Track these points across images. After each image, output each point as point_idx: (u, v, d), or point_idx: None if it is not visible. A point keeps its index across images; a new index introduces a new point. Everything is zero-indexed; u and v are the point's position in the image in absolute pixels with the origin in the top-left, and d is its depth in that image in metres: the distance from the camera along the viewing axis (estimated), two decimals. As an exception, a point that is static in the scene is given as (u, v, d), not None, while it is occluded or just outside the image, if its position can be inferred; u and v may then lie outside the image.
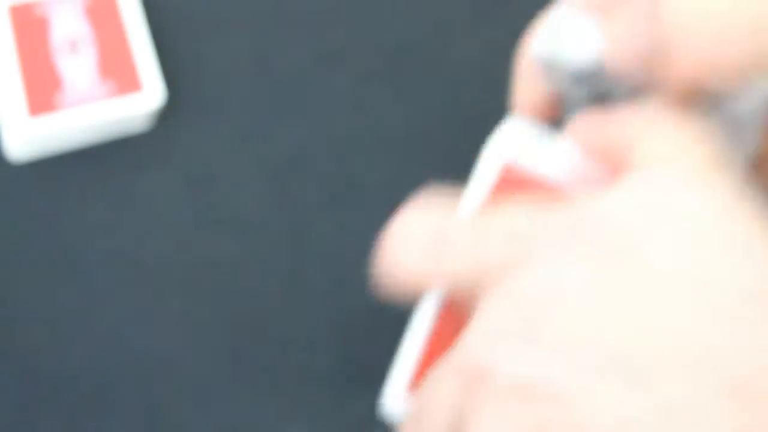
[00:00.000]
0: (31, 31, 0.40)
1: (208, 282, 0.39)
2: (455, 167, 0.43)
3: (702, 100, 0.29)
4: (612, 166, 0.28)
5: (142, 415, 0.37)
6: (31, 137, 0.38)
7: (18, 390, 0.36)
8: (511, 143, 0.30)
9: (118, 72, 0.39)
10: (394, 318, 0.40)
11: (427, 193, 0.42)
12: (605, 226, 0.24)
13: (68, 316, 0.38)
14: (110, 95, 0.39)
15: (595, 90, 0.31)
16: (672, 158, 0.25)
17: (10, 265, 0.38)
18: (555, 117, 0.33)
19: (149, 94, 0.39)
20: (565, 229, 0.24)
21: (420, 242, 0.27)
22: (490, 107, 0.44)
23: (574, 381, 0.22)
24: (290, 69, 0.44)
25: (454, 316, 0.30)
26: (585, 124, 0.29)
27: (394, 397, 0.30)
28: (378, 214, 0.41)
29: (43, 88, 0.39)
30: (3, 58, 0.39)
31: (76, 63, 0.39)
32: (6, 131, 0.39)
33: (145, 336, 0.38)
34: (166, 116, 0.42)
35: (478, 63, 0.45)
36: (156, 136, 0.41)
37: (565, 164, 0.30)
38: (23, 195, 0.39)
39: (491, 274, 0.26)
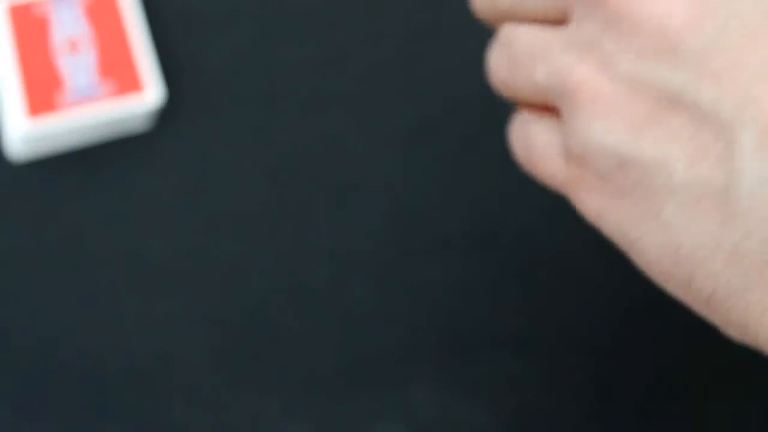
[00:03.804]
0: (31, 31, 0.40)
1: (208, 282, 0.39)
2: (457, 166, 0.43)
3: None
4: None
5: (142, 415, 0.37)
6: (31, 137, 0.38)
7: (17, 390, 0.36)
8: None
9: (118, 72, 0.39)
10: (394, 318, 0.40)
11: None
12: None
13: (67, 315, 0.38)
14: (110, 95, 0.39)
15: None
16: None
17: (10, 264, 0.38)
18: None
19: (149, 94, 0.39)
20: None
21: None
22: (492, 107, 0.44)
23: None
24: (290, 69, 0.44)
25: None
26: None
27: None
28: (379, 214, 0.41)
29: (43, 88, 0.39)
30: (3, 58, 0.39)
31: (76, 63, 0.39)
32: (6, 131, 0.39)
33: (145, 336, 0.38)
34: (166, 116, 0.42)
35: (480, 62, 0.45)
36: (156, 136, 0.41)
37: None
38: (23, 195, 0.39)
39: None
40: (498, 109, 0.44)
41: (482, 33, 0.45)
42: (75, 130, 0.39)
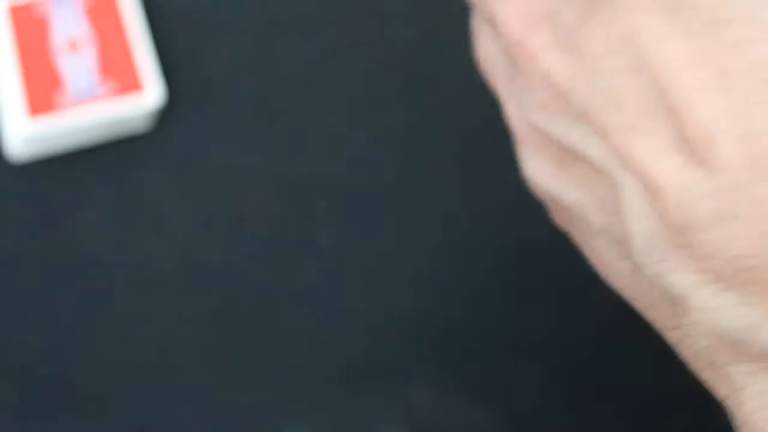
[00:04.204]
0: (31, 31, 0.40)
1: (208, 282, 0.39)
2: (457, 167, 0.43)
3: None
4: None
5: (142, 416, 0.37)
6: (31, 137, 0.38)
7: (17, 391, 0.36)
8: None
9: (118, 72, 0.39)
10: (394, 318, 0.40)
11: None
12: None
13: (67, 316, 0.38)
14: (110, 95, 0.39)
15: None
16: None
17: (9, 265, 0.38)
18: None
19: (149, 94, 0.39)
20: None
21: None
22: (493, 108, 0.44)
23: None
24: (290, 69, 0.44)
25: None
26: None
27: None
28: (378, 214, 0.41)
29: (43, 88, 0.39)
30: (3, 58, 0.39)
31: (76, 63, 0.39)
32: (6, 131, 0.39)
33: (145, 336, 0.38)
34: (166, 116, 0.42)
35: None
36: (156, 136, 0.41)
37: None
38: (23, 195, 0.39)
39: None
40: (499, 109, 0.44)
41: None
42: (75, 130, 0.39)
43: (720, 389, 0.22)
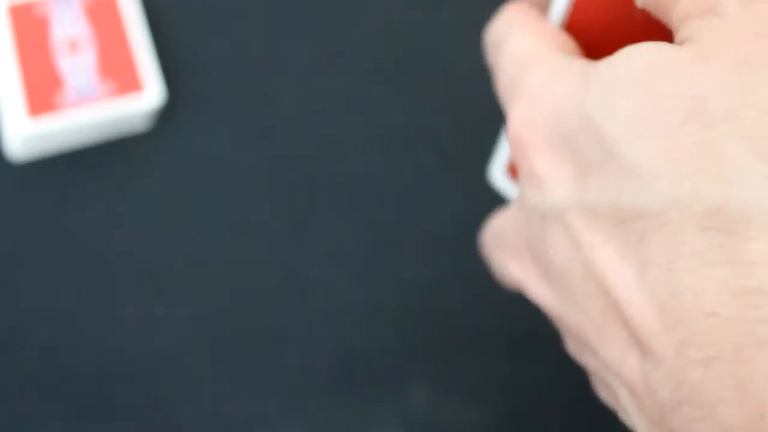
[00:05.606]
0: (31, 31, 0.40)
1: (208, 281, 0.39)
2: (456, 167, 0.43)
3: None
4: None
5: (142, 415, 0.37)
6: (31, 137, 0.38)
7: (17, 390, 0.36)
8: None
9: (118, 72, 0.39)
10: (392, 319, 0.40)
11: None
12: None
13: (68, 315, 0.38)
14: (110, 95, 0.39)
15: None
16: None
17: (10, 265, 0.38)
18: None
19: (149, 94, 0.39)
20: None
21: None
22: (492, 107, 0.44)
23: None
24: (290, 69, 0.44)
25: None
26: None
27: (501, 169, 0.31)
28: (378, 213, 0.41)
29: (43, 88, 0.39)
30: (3, 58, 0.39)
31: (76, 63, 0.39)
32: (6, 131, 0.39)
33: (145, 336, 0.38)
34: (166, 116, 0.42)
35: (480, 62, 0.45)
36: (156, 136, 0.41)
37: None
38: (23, 195, 0.39)
39: None
40: (498, 110, 0.44)
41: (482, 34, 0.45)
42: (75, 130, 0.39)
43: None
